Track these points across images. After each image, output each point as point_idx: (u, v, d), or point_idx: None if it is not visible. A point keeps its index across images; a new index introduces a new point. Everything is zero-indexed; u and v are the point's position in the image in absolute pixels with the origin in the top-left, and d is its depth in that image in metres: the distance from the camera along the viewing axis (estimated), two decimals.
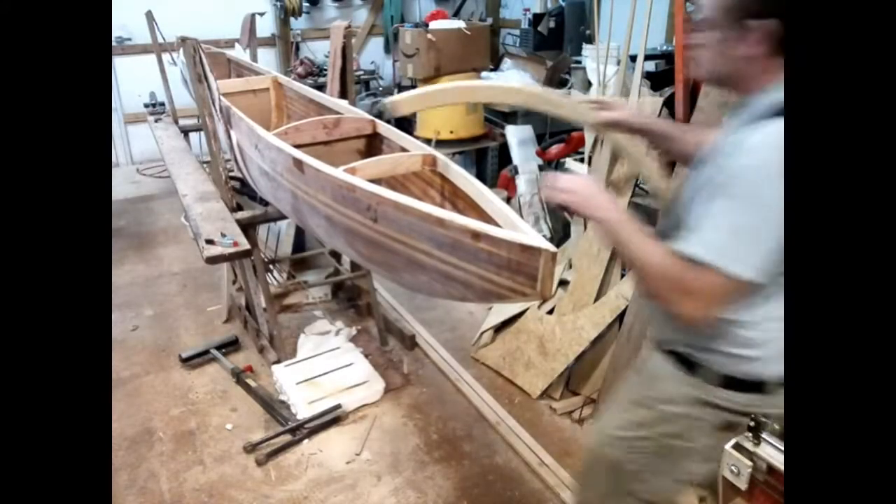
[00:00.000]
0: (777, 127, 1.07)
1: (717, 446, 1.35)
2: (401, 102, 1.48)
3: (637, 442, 1.42)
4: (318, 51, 6.47)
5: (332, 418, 2.62)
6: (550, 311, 2.96)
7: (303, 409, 2.64)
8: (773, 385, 1.29)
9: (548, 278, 1.13)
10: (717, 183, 1.11)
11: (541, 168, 4.03)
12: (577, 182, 1.30)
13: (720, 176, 1.11)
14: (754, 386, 1.29)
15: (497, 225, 1.29)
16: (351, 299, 3.62)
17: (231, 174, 2.91)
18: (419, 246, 1.35)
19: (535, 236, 1.17)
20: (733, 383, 1.29)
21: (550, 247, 1.12)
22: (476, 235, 1.19)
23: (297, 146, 1.96)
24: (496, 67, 5.63)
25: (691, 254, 1.11)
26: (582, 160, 3.14)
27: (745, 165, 1.08)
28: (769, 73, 1.17)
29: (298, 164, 1.77)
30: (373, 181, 1.53)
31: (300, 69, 6.15)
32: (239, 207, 2.84)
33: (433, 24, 5.12)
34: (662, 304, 1.18)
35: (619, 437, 1.46)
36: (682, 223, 1.19)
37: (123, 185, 5.72)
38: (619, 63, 2.90)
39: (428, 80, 5.02)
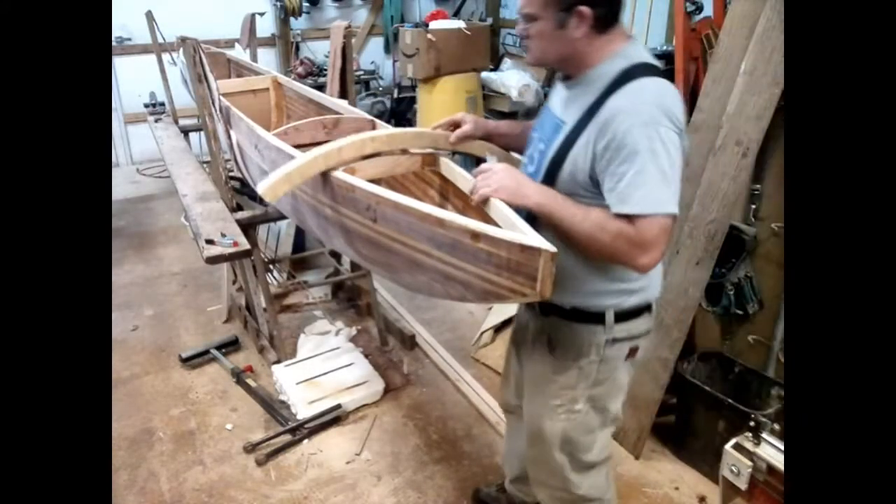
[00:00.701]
0: (640, 84, 1.27)
1: (628, 374, 1.58)
2: (275, 186, 1.47)
3: (574, 406, 1.54)
4: (318, 51, 6.47)
5: (332, 418, 2.62)
6: None
7: (303, 409, 2.64)
8: (654, 303, 1.53)
9: (547, 278, 1.13)
10: (621, 148, 1.24)
11: None
12: (499, 174, 1.34)
13: (621, 142, 1.24)
14: (643, 310, 1.50)
15: (497, 225, 1.29)
16: (351, 299, 3.62)
17: (231, 174, 2.91)
18: (419, 246, 1.35)
19: (534, 236, 1.16)
20: (629, 315, 1.47)
21: (550, 247, 1.12)
22: (475, 235, 1.19)
23: (297, 146, 1.96)
24: (496, 67, 5.64)
25: (637, 212, 1.25)
26: None
27: (638, 124, 1.23)
28: (600, 49, 1.33)
29: None
30: (372, 181, 1.53)
31: (300, 69, 6.15)
32: (239, 207, 2.84)
33: (433, 24, 5.13)
34: (622, 262, 1.31)
35: (555, 405, 1.56)
36: (578, 188, 1.34)
37: (123, 185, 5.72)
38: None
39: (428, 80, 5.03)
